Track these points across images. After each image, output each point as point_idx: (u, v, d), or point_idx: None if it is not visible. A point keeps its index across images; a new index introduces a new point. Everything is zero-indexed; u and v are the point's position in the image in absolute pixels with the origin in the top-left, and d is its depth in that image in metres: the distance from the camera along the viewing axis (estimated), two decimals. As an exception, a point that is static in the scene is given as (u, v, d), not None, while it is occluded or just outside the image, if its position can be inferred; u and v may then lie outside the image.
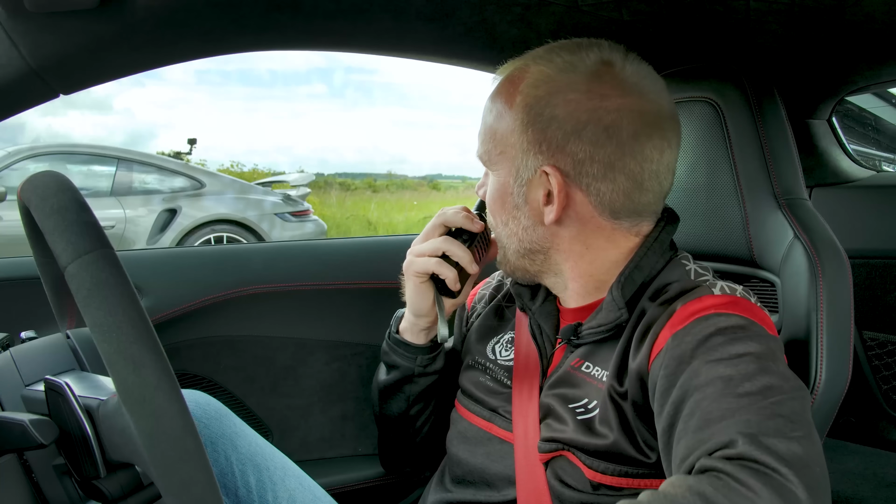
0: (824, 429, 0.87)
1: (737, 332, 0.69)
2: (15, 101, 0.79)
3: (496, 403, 0.91)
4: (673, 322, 0.73)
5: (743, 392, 0.63)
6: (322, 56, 44.52)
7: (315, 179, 10.05)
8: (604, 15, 0.95)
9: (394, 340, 1.01)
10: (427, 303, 0.95)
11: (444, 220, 0.93)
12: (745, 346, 0.68)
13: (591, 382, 0.80)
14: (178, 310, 1.26)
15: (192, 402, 0.92)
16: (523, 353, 0.91)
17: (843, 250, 0.88)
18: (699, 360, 0.68)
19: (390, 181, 16.10)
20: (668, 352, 0.71)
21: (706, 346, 0.69)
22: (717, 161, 0.96)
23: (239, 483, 0.91)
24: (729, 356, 0.67)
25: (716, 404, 0.63)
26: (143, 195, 5.87)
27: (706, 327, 0.70)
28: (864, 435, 1.67)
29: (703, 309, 0.73)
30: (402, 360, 1.00)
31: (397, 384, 1.02)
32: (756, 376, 0.64)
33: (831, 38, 1.05)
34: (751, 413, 0.61)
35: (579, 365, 0.83)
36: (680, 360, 0.69)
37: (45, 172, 0.56)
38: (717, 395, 0.64)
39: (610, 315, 0.80)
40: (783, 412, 0.62)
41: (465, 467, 0.90)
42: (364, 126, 26.73)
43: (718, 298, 0.75)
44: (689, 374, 0.67)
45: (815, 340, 0.84)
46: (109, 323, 0.49)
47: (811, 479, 0.57)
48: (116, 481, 0.63)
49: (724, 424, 0.61)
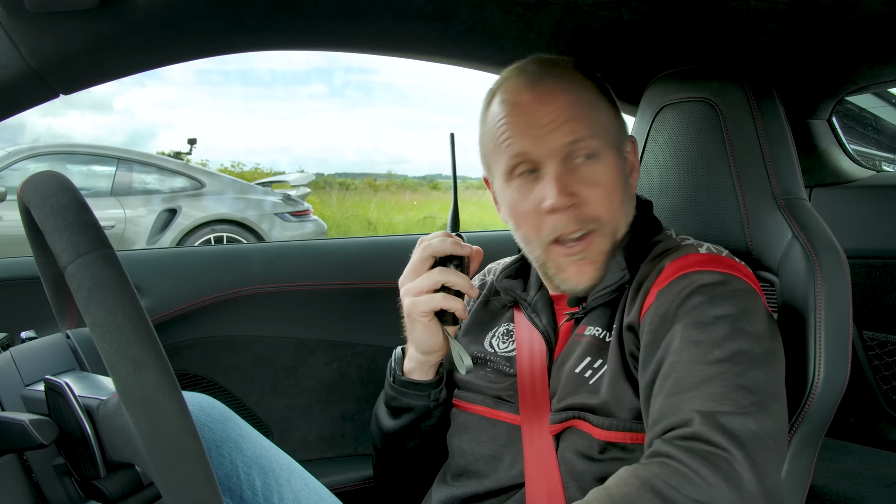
0: (824, 428, 0.87)
1: (716, 289, 0.75)
2: (15, 101, 0.79)
3: (500, 390, 0.92)
4: (660, 279, 0.79)
5: (712, 359, 0.69)
6: (322, 56, 44.59)
7: (315, 179, 10.05)
8: (604, 15, 0.95)
9: (401, 384, 0.96)
10: (438, 339, 0.91)
11: (431, 251, 0.89)
12: (721, 307, 0.73)
13: (594, 343, 0.84)
14: (178, 310, 1.26)
15: (195, 405, 0.92)
16: (526, 341, 0.93)
17: (842, 250, 0.88)
18: (679, 322, 0.74)
19: (390, 181, 16.09)
20: (654, 309, 0.77)
21: (686, 307, 0.74)
22: (716, 161, 0.96)
23: (244, 486, 0.91)
24: (705, 320, 0.73)
25: (686, 371, 0.70)
26: (143, 195, 5.87)
27: (688, 285, 0.76)
28: (864, 435, 1.67)
29: (686, 266, 0.79)
30: (415, 401, 0.97)
31: (413, 424, 0.98)
32: (726, 342, 0.70)
33: (831, 38, 1.05)
34: (714, 385, 0.68)
35: (582, 331, 0.87)
36: (663, 319, 0.75)
37: (45, 172, 0.56)
38: (689, 362, 0.70)
39: (615, 276, 0.85)
40: (745, 383, 0.68)
41: (470, 456, 0.91)
42: (364, 126, 26.75)
43: (701, 256, 0.80)
44: (669, 337, 0.74)
45: (814, 340, 0.84)
46: (109, 323, 0.49)
47: (760, 456, 0.64)
48: (116, 481, 0.63)
49: (689, 395, 0.68)
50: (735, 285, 0.76)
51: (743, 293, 0.76)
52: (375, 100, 32.69)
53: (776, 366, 0.72)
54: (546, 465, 0.82)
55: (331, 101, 33.55)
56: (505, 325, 0.99)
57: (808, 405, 0.83)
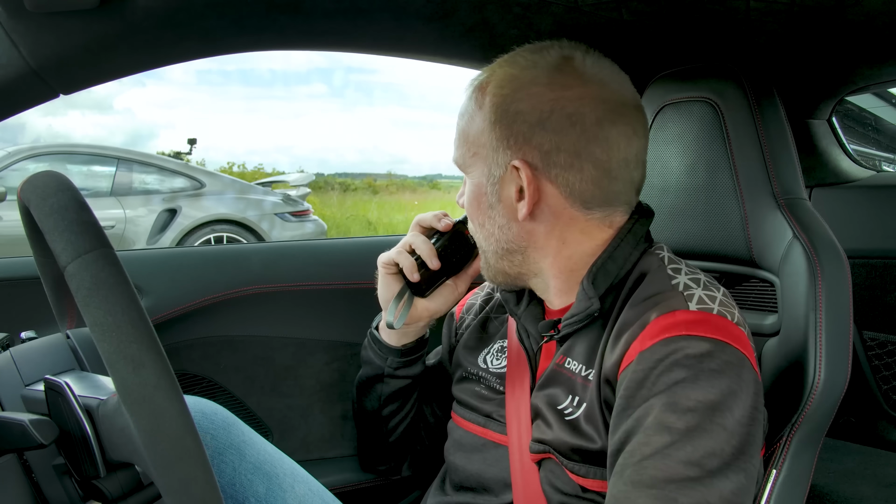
0: (824, 429, 0.87)
1: (702, 364, 0.69)
2: (15, 101, 0.79)
3: (490, 409, 0.91)
4: (643, 336, 0.73)
5: (682, 459, 0.65)
6: (323, 56, 44.55)
7: (315, 179, 10.05)
8: (604, 15, 0.95)
9: (371, 336, 1.05)
10: (388, 294, 0.99)
11: (417, 220, 1.00)
12: (703, 390, 0.68)
13: (573, 379, 0.81)
14: (178, 310, 1.26)
15: (198, 411, 0.91)
16: (514, 357, 0.92)
17: (843, 250, 0.88)
18: (656, 397, 0.69)
19: (390, 181, 16.09)
20: (632, 372, 0.72)
21: (665, 380, 0.69)
22: (716, 161, 0.96)
23: (248, 493, 0.90)
24: (683, 403, 0.68)
25: (651, 462, 0.66)
26: (143, 195, 5.87)
27: (671, 352, 0.70)
28: (864, 435, 1.67)
29: (672, 326, 0.72)
30: (374, 358, 1.04)
31: (369, 381, 1.06)
32: (698, 439, 0.66)
33: (831, 38, 1.05)
34: (676, 490, 0.64)
35: (562, 362, 0.83)
36: (639, 386, 0.70)
37: (45, 172, 0.56)
38: (657, 451, 0.66)
39: (581, 304, 0.80)
40: (711, 498, 0.64)
41: (463, 474, 0.91)
42: (364, 126, 26.73)
43: (690, 315, 0.73)
44: (644, 410, 0.69)
45: (815, 340, 0.84)
46: (109, 323, 0.49)
47: None
48: (116, 481, 0.63)
49: (648, 493, 0.65)
50: (723, 357, 0.70)
51: (730, 369, 0.70)
52: (375, 100, 32.71)
53: (740, 476, 0.67)
54: (533, 493, 0.81)
55: (331, 101, 33.55)
56: (500, 342, 0.97)
57: (808, 405, 0.83)
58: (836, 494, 1.50)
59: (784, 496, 0.83)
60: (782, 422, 0.85)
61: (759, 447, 0.72)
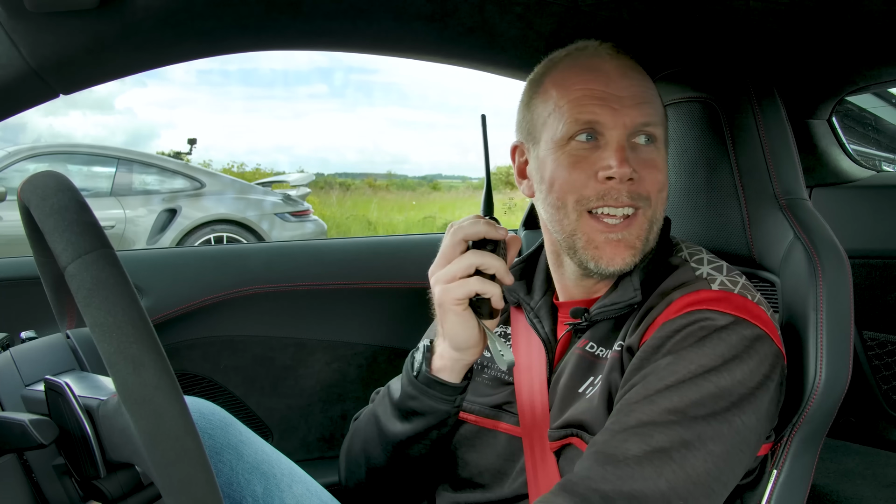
0: (825, 429, 0.87)
1: (714, 333, 0.74)
2: (15, 101, 0.79)
3: (499, 400, 0.91)
4: (668, 311, 0.79)
5: (662, 408, 0.71)
6: (324, 56, 44.62)
7: (315, 179, 10.05)
8: (604, 15, 0.95)
9: (427, 382, 0.86)
10: (473, 332, 0.82)
11: (463, 234, 0.81)
12: (706, 356, 0.73)
13: (598, 363, 0.84)
14: (178, 310, 1.26)
15: (196, 411, 0.91)
16: (524, 347, 0.92)
17: (843, 250, 0.88)
18: (664, 358, 0.74)
19: (390, 181, 16.08)
20: (654, 337, 0.77)
21: (677, 346, 0.75)
22: (717, 161, 0.96)
23: (245, 493, 0.90)
24: (681, 367, 0.73)
25: (637, 406, 0.72)
26: (143, 195, 5.88)
27: (690, 322, 0.76)
28: (864, 435, 1.67)
29: (696, 302, 0.77)
30: (436, 404, 0.86)
31: (426, 431, 0.88)
32: (687, 390, 0.71)
33: (831, 38, 1.05)
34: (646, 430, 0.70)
35: (585, 345, 0.86)
36: (655, 350, 0.76)
37: (45, 172, 0.56)
38: (644, 398, 0.73)
39: (625, 294, 0.83)
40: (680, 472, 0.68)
41: (473, 469, 0.90)
42: (364, 126, 26.74)
43: (712, 293, 0.78)
44: (652, 369, 0.75)
45: (815, 340, 0.84)
46: (109, 323, 0.49)
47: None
48: (116, 481, 0.63)
49: (625, 433, 0.71)
50: (738, 331, 0.75)
51: (742, 341, 0.75)
52: (376, 100, 32.71)
53: (733, 420, 0.72)
54: (549, 481, 0.81)
55: (331, 101, 33.55)
56: (501, 328, 0.96)
57: (809, 406, 0.83)
58: (837, 494, 1.50)
59: (785, 496, 0.83)
60: (783, 422, 0.85)
61: (764, 416, 0.75)
